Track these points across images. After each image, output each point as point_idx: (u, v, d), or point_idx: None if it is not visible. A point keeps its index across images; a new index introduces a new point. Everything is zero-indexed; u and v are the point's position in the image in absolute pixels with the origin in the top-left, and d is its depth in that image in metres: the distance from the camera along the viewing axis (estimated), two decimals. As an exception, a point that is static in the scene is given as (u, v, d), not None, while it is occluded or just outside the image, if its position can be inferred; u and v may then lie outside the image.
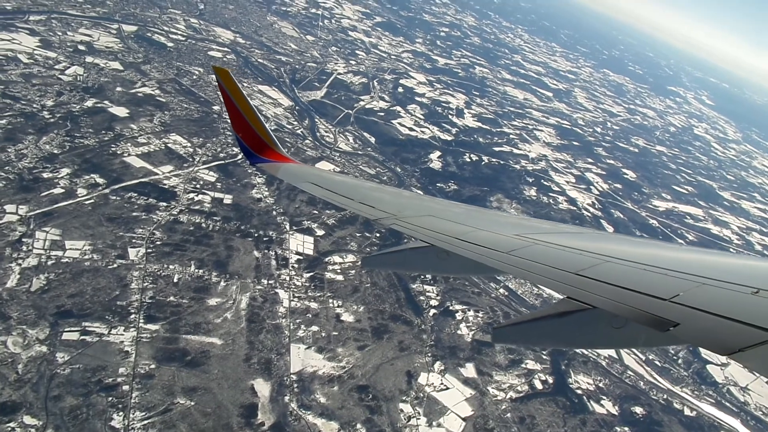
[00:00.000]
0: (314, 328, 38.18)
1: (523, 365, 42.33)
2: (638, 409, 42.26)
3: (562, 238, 5.68)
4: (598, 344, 4.71)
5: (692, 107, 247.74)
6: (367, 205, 7.36)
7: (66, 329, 30.64)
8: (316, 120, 77.37)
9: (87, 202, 41.35)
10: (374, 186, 11.37)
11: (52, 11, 74.42)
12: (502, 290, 51.14)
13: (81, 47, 67.90)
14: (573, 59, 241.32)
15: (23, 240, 35.59)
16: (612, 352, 47.59)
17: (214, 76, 10.23)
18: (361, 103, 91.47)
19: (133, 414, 27.76)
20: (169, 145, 53.78)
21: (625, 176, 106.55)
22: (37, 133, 47.08)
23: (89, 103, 55.66)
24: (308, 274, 43.52)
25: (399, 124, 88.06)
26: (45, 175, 42.41)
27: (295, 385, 33.14)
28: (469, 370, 39.88)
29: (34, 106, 51.03)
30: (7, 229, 35.89)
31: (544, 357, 44.05)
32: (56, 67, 60.48)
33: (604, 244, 5.55)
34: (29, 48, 61.84)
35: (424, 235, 5.86)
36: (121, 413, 27.56)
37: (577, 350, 45.84)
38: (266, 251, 44.11)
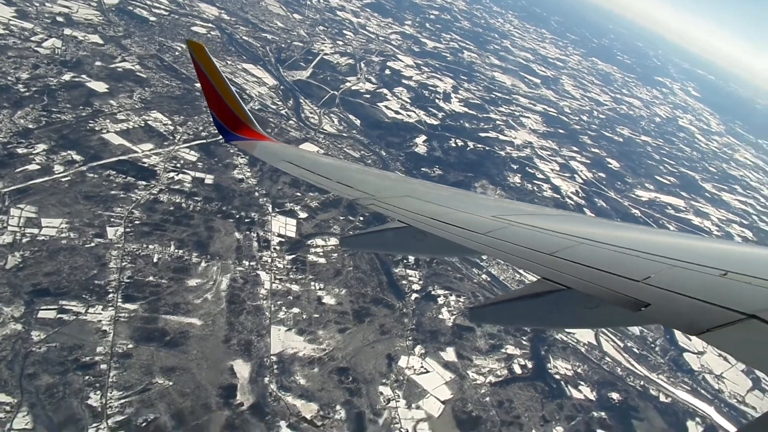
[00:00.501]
0: (295, 310, 38.04)
1: (503, 350, 42.74)
2: (615, 395, 43.01)
3: (538, 220, 5.71)
4: (572, 324, 4.90)
5: (678, 98, 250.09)
6: (346, 185, 7.22)
7: (42, 308, 30.08)
8: (301, 100, 76.36)
9: (64, 179, 40.38)
10: (353, 166, 11.34)
11: (29, -20, 71.89)
12: (484, 276, 51.42)
13: (59, 19, 65.89)
14: (562, 46, 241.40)
15: (-3, 216, 34.72)
16: (591, 339, 48.30)
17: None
18: (348, 84, 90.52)
19: (111, 393, 27.46)
20: (149, 122, 52.67)
21: (609, 165, 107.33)
22: (12, 107, 45.71)
23: (67, 77, 54.15)
24: (290, 257, 43.24)
25: (385, 107, 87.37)
26: (20, 151, 41.26)
27: (275, 367, 33.07)
28: (450, 354, 40.15)
29: (9, 78, 49.48)
30: (-20, 205, 34.97)
31: (524, 342, 44.54)
32: (33, 39, 58.61)
33: (580, 227, 5.64)
34: (4, 18, 59.74)
35: (402, 215, 5.83)
36: (98, 392, 27.25)
37: (555, 333, 46.49)
38: (248, 233, 43.67)
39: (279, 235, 45.16)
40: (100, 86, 55.22)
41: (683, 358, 50.67)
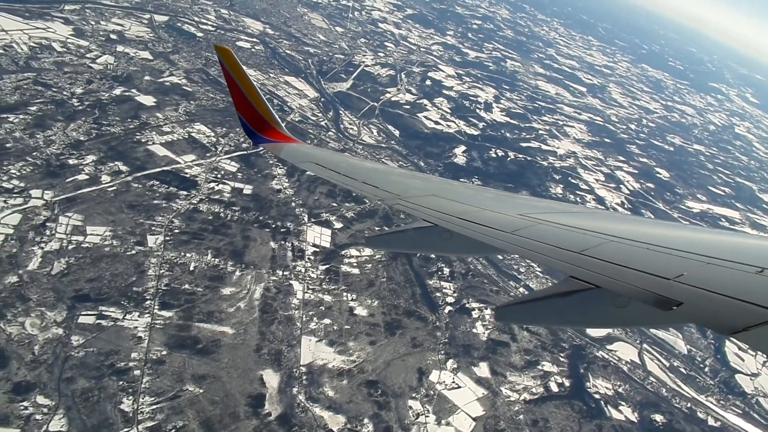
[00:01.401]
0: (326, 320, 38.14)
1: (539, 367, 41.46)
2: (659, 417, 40.91)
3: (565, 218, 5.69)
4: (601, 323, 4.77)
5: (735, 105, 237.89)
6: (371, 185, 7.26)
7: (82, 313, 31.36)
8: (341, 112, 77.22)
9: (110, 189, 42.19)
10: (379, 167, 11.31)
11: (86, 0, 76.03)
12: (522, 289, 50.17)
13: (113, 36, 69.31)
14: (610, 54, 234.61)
15: (47, 224, 36.53)
16: (634, 357, 46.30)
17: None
18: (388, 95, 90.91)
19: (143, 399, 28.23)
20: (192, 134, 54.44)
21: (659, 175, 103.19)
22: (66, 120, 48.27)
23: (117, 91, 56.78)
24: (324, 267, 43.48)
25: (425, 117, 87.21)
26: (71, 162, 43.45)
27: (304, 377, 33.19)
28: (483, 370, 39.26)
29: (64, 93, 52.34)
30: (32, 214, 36.90)
31: (562, 359, 43.07)
32: (88, 55, 61.89)
33: (608, 224, 5.58)
34: (63, 37, 63.43)
35: (427, 215, 5.86)
36: (131, 397, 28.08)
37: (595, 350, 44.71)
38: (283, 242, 44.25)
39: (314, 245, 45.53)
40: (148, 100, 57.58)
41: (735, 379, 47.71)
